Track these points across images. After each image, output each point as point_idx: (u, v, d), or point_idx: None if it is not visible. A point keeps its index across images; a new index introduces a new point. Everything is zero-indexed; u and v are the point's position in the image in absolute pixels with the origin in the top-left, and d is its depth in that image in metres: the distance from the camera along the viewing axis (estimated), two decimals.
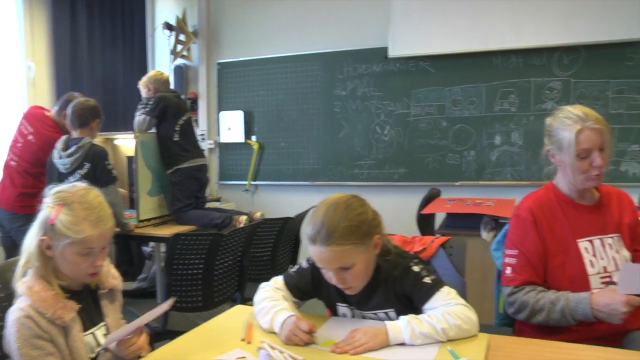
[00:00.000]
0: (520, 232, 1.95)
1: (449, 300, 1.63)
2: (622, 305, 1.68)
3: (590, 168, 1.86)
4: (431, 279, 1.68)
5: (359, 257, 1.60)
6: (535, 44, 4.88)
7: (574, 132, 1.84)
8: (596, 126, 1.84)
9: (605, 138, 1.84)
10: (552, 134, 1.93)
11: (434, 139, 5.28)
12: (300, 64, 5.70)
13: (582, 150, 1.84)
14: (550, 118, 1.96)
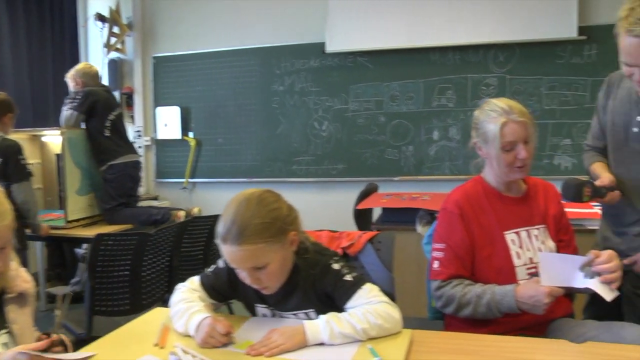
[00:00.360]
0: (448, 226, 1.93)
1: (371, 298, 1.58)
2: (544, 297, 1.68)
3: (515, 160, 1.86)
4: (352, 276, 1.63)
5: (273, 255, 1.54)
6: (471, 41, 4.95)
7: (498, 125, 1.83)
8: (520, 119, 1.83)
9: (529, 131, 1.84)
10: (479, 127, 1.92)
11: (372, 134, 5.28)
12: (238, 58, 5.59)
13: (506, 143, 1.83)
14: (478, 111, 1.94)
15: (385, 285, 1.91)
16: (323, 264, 1.65)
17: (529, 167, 1.90)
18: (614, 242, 2.18)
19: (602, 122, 2.22)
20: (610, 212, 2.22)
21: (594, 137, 2.30)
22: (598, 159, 2.24)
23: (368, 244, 2.05)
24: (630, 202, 2.10)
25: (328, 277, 1.63)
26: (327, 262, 1.65)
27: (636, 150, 2.06)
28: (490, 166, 1.95)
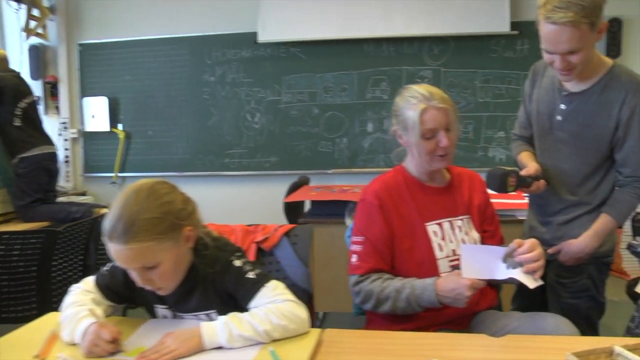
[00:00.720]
0: (366, 218, 1.84)
1: (275, 296, 1.47)
2: (466, 290, 1.60)
3: (436, 148, 1.78)
4: (255, 273, 1.51)
5: (165, 254, 1.40)
6: (406, 33, 4.93)
7: (418, 112, 1.75)
8: (441, 105, 1.75)
9: (451, 118, 1.77)
10: (398, 114, 1.84)
11: (306, 126, 5.18)
12: (168, 47, 5.36)
13: (427, 130, 1.75)
14: (398, 97, 1.86)
15: (302, 281, 1.81)
16: (223, 261, 1.53)
17: (452, 155, 1.83)
18: (539, 231, 2.17)
19: (528, 111, 2.19)
20: (536, 202, 2.21)
21: (521, 127, 2.27)
22: (525, 148, 2.22)
23: (284, 238, 1.94)
24: (555, 191, 2.08)
25: (229, 275, 1.51)
26: (227, 259, 1.53)
27: (560, 138, 2.04)
28: (412, 155, 1.87)
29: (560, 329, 1.59)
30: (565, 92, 2.01)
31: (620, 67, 1.96)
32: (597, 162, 2.01)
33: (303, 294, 1.87)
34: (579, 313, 2.06)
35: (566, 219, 2.08)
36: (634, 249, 1.99)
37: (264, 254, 1.95)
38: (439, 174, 1.91)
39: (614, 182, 2.04)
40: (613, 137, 1.95)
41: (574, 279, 2.08)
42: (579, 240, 2.01)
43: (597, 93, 1.94)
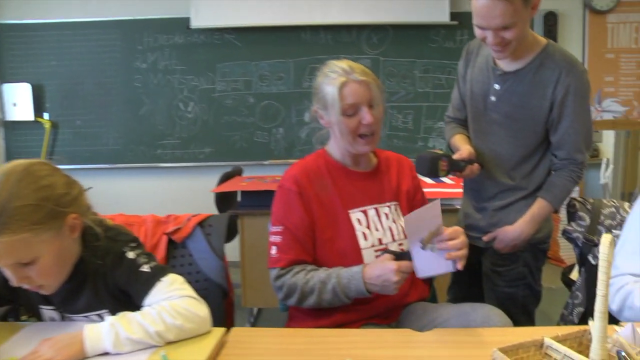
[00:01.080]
0: (285, 206, 1.68)
1: (171, 292, 1.31)
2: (393, 274, 1.47)
3: (359, 126, 1.64)
4: (151, 266, 1.35)
5: (44, 247, 1.21)
6: (344, 21, 4.83)
7: (337, 86, 1.61)
8: (362, 78, 1.62)
9: (374, 92, 1.64)
10: (318, 91, 1.69)
11: (241, 116, 5.01)
12: (97, 31, 5.05)
13: (347, 105, 1.62)
14: (318, 74, 1.71)
15: (216, 275, 1.65)
16: (115, 252, 1.35)
17: (378, 137, 1.70)
18: (474, 218, 2.08)
19: (462, 92, 2.10)
20: (471, 187, 2.12)
21: (454, 108, 2.18)
22: (459, 131, 2.12)
23: (197, 229, 1.77)
24: (490, 174, 1.99)
25: (121, 269, 1.33)
26: (120, 250, 1.36)
27: (494, 120, 1.95)
28: (334, 137, 1.73)
29: (491, 320, 1.48)
30: (499, 71, 1.92)
31: (554, 45, 1.89)
32: (533, 145, 1.93)
33: (217, 290, 1.73)
34: (515, 302, 1.99)
35: (502, 204, 1.99)
36: (568, 234, 1.91)
37: (176, 246, 1.77)
38: (365, 158, 1.78)
39: (551, 165, 1.96)
40: (548, 118, 1.88)
41: (510, 267, 1.99)
42: (515, 227, 1.93)
43: (531, 72, 1.86)
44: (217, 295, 1.72)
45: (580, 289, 1.85)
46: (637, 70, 5.08)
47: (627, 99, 5.10)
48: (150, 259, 1.37)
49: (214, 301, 1.63)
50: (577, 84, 1.82)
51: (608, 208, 1.92)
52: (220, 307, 1.73)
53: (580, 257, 1.87)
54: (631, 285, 1.48)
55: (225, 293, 1.75)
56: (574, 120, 1.84)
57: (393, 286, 1.48)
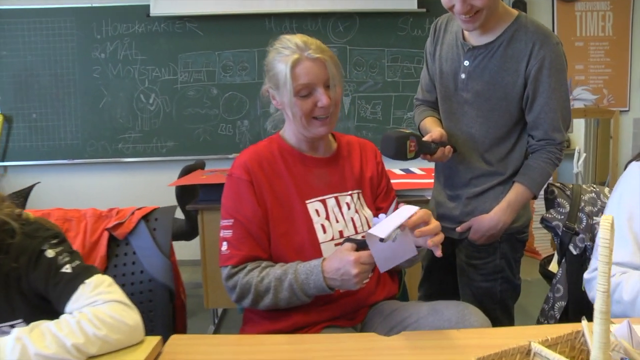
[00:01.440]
0: (235, 196, 1.51)
1: (95, 297, 1.13)
2: (352, 266, 1.30)
3: (314, 109, 1.48)
4: (73, 266, 1.17)
5: None
6: (309, 9, 4.67)
7: (289, 64, 1.44)
8: (317, 55, 1.45)
9: (331, 72, 1.47)
10: (269, 69, 1.53)
11: (204, 108, 4.81)
12: (52, 19, 4.79)
13: (301, 86, 1.45)
14: (270, 50, 1.55)
15: (162, 275, 1.49)
16: (32, 251, 1.17)
17: (335, 119, 1.54)
18: (447, 207, 1.93)
19: (432, 72, 1.95)
20: (444, 174, 1.97)
21: (423, 90, 2.03)
22: (429, 114, 1.97)
23: (142, 224, 1.59)
24: (463, 158, 1.84)
25: (38, 270, 1.15)
26: (37, 248, 1.18)
27: (465, 99, 1.80)
28: (288, 120, 1.57)
29: (467, 319, 1.33)
30: (469, 46, 1.77)
31: (526, 17, 1.75)
32: (508, 125, 1.79)
33: (163, 292, 1.56)
34: (493, 297, 1.86)
35: (477, 191, 1.85)
36: (547, 223, 1.77)
37: (118, 243, 1.60)
38: (323, 142, 1.62)
39: (527, 147, 1.82)
40: (522, 95, 1.74)
41: (487, 260, 1.85)
42: (491, 215, 1.79)
43: (502, 46, 1.73)
44: (163, 297, 1.55)
45: (561, 281, 1.72)
46: (605, 59, 5.07)
47: (598, 87, 5.08)
48: (73, 257, 1.19)
49: (159, 304, 1.48)
50: (552, 57, 1.69)
51: (588, 194, 1.79)
52: (167, 311, 1.56)
53: (561, 247, 1.74)
54: (618, 277, 1.35)
55: (172, 295, 1.57)
56: (550, 97, 1.71)
57: (354, 280, 1.32)
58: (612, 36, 5.06)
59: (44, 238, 1.20)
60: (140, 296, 1.56)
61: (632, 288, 1.30)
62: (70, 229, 1.59)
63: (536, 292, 2.01)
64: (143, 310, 1.54)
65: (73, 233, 1.58)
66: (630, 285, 1.30)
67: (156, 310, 1.53)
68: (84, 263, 1.20)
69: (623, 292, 1.31)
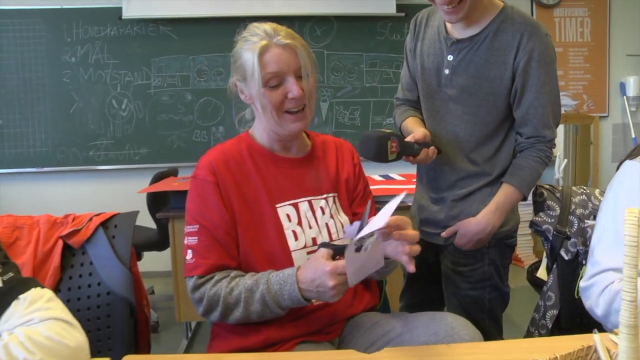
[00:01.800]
0: (200, 200, 1.38)
1: (31, 315, 0.98)
2: (328, 277, 1.17)
3: (284, 100, 1.37)
4: (4, 279, 1.03)
5: None
6: (286, 12, 4.57)
7: (257, 51, 1.32)
8: (287, 41, 1.34)
9: (303, 60, 1.36)
10: (236, 59, 1.41)
11: (179, 114, 4.68)
12: (19, 21, 4.61)
13: (269, 75, 1.34)
14: (238, 39, 1.43)
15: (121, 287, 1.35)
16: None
17: (310, 113, 1.42)
18: (431, 211, 1.81)
19: (413, 69, 1.85)
20: (426, 175, 1.85)
21: (404, 89, 1.92)
22: (411, 114, 1.86)
23: (100, 231, 1.46)
24: (448, 159, 1.73)
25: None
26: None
27: (449, 96, 1.70)
28: (257, 115, 1.45)
29: (457, 332, 1.21)
30: (452, 39, 1.67)
31: (512, 8, 1.66)
32: (495, 122, 1.69)
33: (123, 305, 1.42)
34: (481, 306, 1.75)
35: (462, 193, 1.74)
36: (537, 227, 1.67)
37: (74, 252, 1.46)
38: (296, 141, 1.50)
39: (516, 146, 1.73)
40: (510, 89, 1.64)
41: (474, 267, 1.74)
42: (478, 219, 1.68)
43: (488, 38, 1.63)
44: (122, 312, 1.42)
45: (552, 288, 1.61)
46: (584, 64, 5.06)
47: (577, 92, 5.07)
48: (6, 269, 1.05)
49: (119, 320, 1.35)
50: (542, 48, 1.59)
51: (579, 196, 1.70)
52: (128, 327, 1.43)
53: (551, 252, 1.63)
54: (617, 284, 1.25)
55: (133, 309, 1.44)
56: (540, 91, 1.61)
57: (330, 292, 1.19)
58: (591, 42, 5.05)
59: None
60: (97, 311, 1.42)
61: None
62: (21, 237, 1.45)
63: (520, 300, 1.91)
64: (100, 327, 1.41)
65: (24, 242, 1.44)
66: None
67: (115, 326, 1.39)
68: (20, 275, 1.06)
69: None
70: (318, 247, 1.28)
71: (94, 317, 1.40)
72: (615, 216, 1.33)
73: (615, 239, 1.30)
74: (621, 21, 5.04)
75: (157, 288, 4.16)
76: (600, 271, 1.30)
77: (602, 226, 1.36)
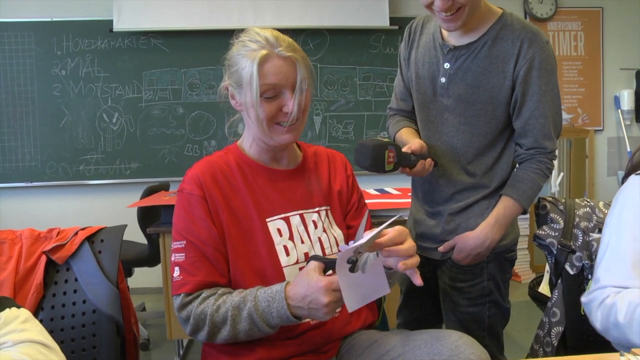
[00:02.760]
0: (186, 215, 1.33)
1: (4, 337, 0.93)
2: (322, 294, 1.12)
3: (278, 114, 1.33)
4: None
5: None
6: (278, 24, 4.46)
7: (257, 60, 1.28)
8: (289, 54, 1.31)
9: (302, 74, 1.32)
10: (232, 64, 1.37)
11: (170, 127, 4.62)
12: (8, 34, 4.55)
13: (267, 86, 1.29)
14: (235, 43, 1.40)
15: (107, 305, 1.29)
16: None
17: (302, 126, 1.39)
18: (427, 225, 1.76)
19: (407, 78, 1.80)
20: (423, 189, 1.79)
21: (398, 99, 1.87)
22: (405, 124, 1.81)
23: (85, 246, 1.39)
24: (445, 171, 1.68)
25: None
26: None
27: (445, 106, 1.65)
28: (247, 125, 1.40)
29: (462, 352, 1.14)
30: (449, 46, 1.63)
31: (511, 14, 1.61)
32: (493, 133, 1.64)
33: (109, 324, 1.35)
34: (481, 323, 1.69)
35: (460, 206, 1.68)
36: (541, 240, 1.62)
37: (58, 268, 1.39)
38: (287, 152, 1.46)
39: (515, 157, 1.68)
40: (509, 99, 1.59)
41: (473, 282, 1.68)
42: (477, 232, 1.62)
43: (487, 45, 1.58)
44: (109, 330, 1.35)
45: (557, 304, 1.56)
46: (579, 78, 5.06)
47: (572, 106, 5.06)
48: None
49: (105, 339, 1.29)
50: (542, 57, 1.54)
51: (582, 208, 1.64)
52: (114, 346, 1.36)
53: (556, 267, 1.58)
54: (612, 298, 1.21)
55: (120, 328, 1.37)
56: (541, 101, 1.56)
57: (323, 310, 1.14)
58: (585, 55, 5.06)
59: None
60: (82, 330, 1.35)
61: (627, 308, 1.16)
62: (2, 253, 1.38)
63: (518, 315, 1.85)
64: (85, 347, 1.34)
65: (4, 257, 1.37)
66: (625, 305, 1.16)
67: (101, 347, 1.32)
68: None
69: (618, 313, 1.17)
70: (308, 261, 1.22)
71: (79, 337, 1.33)
72: (618, 232, 1.30)
73: (617, 256, 1.27)
74: (614, 35, 5.05)
75: (149, 305, 4.08)
76: (598, 287, 1.26)
77: (606, 243, 1.32)
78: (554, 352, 1.53)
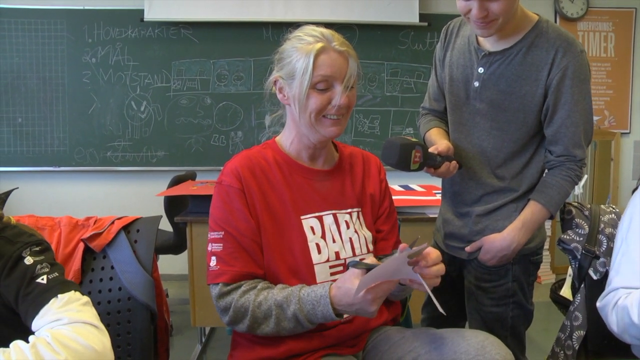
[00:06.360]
0: (225, 206, 1.36)
1: (62, 314, 0.98)
2: (369, 305, 1.16)
3: (327, 106, 1.35)
4: (50, 278, 1.04)
5: None
6: (308, 18, 4.51)
7: (313, 52, 1.31)
8: (343, 48, 1.34)
9: (352, 70, 1.35)
10: (284, 57, 1.39)
11: (197, 117, 4.67)
12: (42, 20, 4.63)
13: (321, 77, 1.32)
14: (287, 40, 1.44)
15: (142, 293, 1.34)
16: (9, 256, 1.05)
17: (345, 123, 1.41)
18: (455, 225, 1.78)
19: (441, 79, 1.82)
20: (452, 190, 1.82)
21: (431, 99, 1.89)
22: (436, 124, 1.83)
23: (121, 235, 1.44)
24: (474, 173, 1.70)
25: (13, 277, 1.03)
26: (17, 254, 1.05)
27: (477, 109, 1.66)
28: (291, 119, 1.43)
29: (488, 352, 1.17)
30: (483, 52, 1.64)
31: (548, 22, 1.62)
32: (524, 139, 1.66)
33: (144, 311, 1.41)
34: (504, 323, 1.71)
35: (487, 208, 1.70)
36: (565, 245, 1.64)
37: (95, 255, 1.44)
38: (324, 151, 1.48)
39: (545, 163, 1.69)
40: (541, 106, 1.61)
41: (497, 283, 1.71)
42: (504, 235, 1.64)
43: (521, 52, 1.59)
44: (143, 318, 1.40)
45: (580, 308, 1.58)
46: (607, 80, 5.00)
47: (599, 108, 5.01)
48: (53, 269, 1.06)
49: (139, 326, 1.33)
50: (576, 66, 1.55)
51: (608, 214, 1.66)
52: (148, 333, 1.41)
53: (579, 272, 1.60)
54: (623, 299, 1.24)
55: (154, 315, 1.42)
56: (573, 110, 1.57)
57: (370, 315, 1.20)
58: (614, 57, 4.99)
59: (25, 244, 1.09)
60: (117, 316, 1.41)
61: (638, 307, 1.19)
62: None
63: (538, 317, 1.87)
64: (120, 332, 1.39)
65: None
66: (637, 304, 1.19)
67: (135, 333, 1.37)
68: (64, 277, 1.06)
69: (633, 314, 1.20)
70: (347, 267, 1.26)
71: (114, 323, 1.38)
72: (627, 237, 1.33)
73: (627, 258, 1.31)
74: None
75: (171, 292, 4.15)
76: (612, 290, 1.29)
77: (618, 246, 1.37)
78: (575, 355, 1.55)
